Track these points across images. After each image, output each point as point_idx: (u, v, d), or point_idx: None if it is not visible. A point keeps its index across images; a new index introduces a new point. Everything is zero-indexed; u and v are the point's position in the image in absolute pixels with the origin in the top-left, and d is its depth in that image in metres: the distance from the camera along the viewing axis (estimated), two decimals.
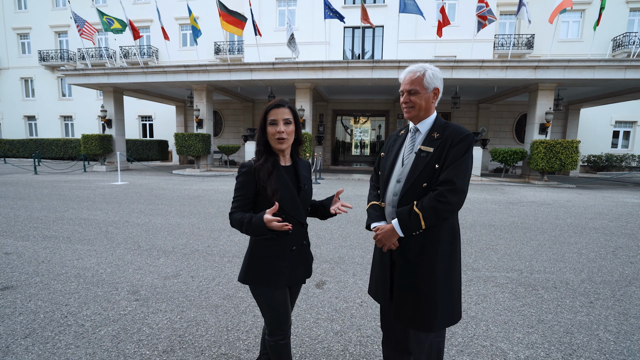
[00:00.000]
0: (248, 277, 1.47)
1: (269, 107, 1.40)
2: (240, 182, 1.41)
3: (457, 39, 17.14)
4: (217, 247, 4.10)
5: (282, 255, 1.45)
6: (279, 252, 1.45)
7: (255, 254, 1.46)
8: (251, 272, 1.46)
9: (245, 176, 1.40)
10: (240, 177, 1.41)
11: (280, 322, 1.47)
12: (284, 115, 1.39)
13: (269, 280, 1.44)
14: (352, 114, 22.19)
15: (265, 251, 1.45)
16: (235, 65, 12.94)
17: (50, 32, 22.89)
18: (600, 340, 2.26)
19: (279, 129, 1.38)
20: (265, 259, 1.45)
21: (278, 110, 1.38)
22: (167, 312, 2.53)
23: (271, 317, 1.48)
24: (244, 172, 1.40)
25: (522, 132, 17.65)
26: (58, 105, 23.43)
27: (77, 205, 6.63)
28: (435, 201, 1.35)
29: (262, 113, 1.43)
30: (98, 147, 14.52)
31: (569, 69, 11.16)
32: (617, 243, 4.63)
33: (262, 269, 1.44)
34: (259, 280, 1.45)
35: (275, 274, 1.44)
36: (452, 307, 1.48)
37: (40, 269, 3.33)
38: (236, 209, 1.41)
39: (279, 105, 1.39)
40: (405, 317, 1.48)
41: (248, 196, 1.41)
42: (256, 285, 1.46)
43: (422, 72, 1.44)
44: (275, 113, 1.38)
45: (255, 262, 1.46)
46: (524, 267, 3.63)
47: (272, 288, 1.44)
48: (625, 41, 17.16)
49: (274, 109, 1.39)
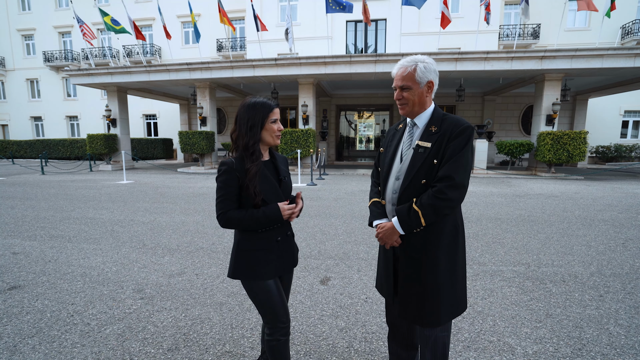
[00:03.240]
0: (237, 272, 1.49)
1: (271, 107, 1.47)
2: (222, 181, 1.42)
3: (461, 30, 16.86)
4: (222, 245, 4.11)
5: (269, 247, 1.50)
6: (266, 244, 1.50)
7: (243, 248, 1.49)
8: (240, 267, 1.48)
9: (226, 174, 1.41)
10: (222, 177, 1.42)
11: (278, 315, 1.49)
12: (279, 114, 1.53)
13: (259, 271, 1.48)
14: (355, 108, 22.05)
15: (253, 245, 1.49)
16: (237, 62, 12.89)
17: (54, 33, 23.02)
18: (610, 334, 2.21)
19: (279, 126, 1.49)
20: (254, 252, 1.48)
21: (277, 110, 1.50)
22: (172, 310, 2.53)
23: (268, 310, 1.49)
24: (224, 171, 1.41)
25: (528, 124, 17.38)
26: (64, 105, 23.63)
27: (83, 204, 6.69)
28: (434, 198, 1.32)
29: (260, 113, 1.44)
30: (103, 146, 14.63)
31: (576, 58, 10.92)
32: (627, 235, 4.54)
33: (250, 262, 1.47)
34: (249, 273, 1.48)
35: (264, 265, 1.49)
36: (456, 301, 1.46)
37: (47, 269, 3.36)
38: (225, 207, 1.42)
39: (277, 105, 1.51)
40: (410, 314, 1.46)
41: (234, 193, 1.43)
42: (247, 279, 1.49)
43: (413, 66, 1.39)
44: (276, 112, 1.48)
45: (243, 256, 1.48)
46: (532, 260, 3.57)
47: (264, 279, 1.49)
48: (635, 28, 16.72)
49: (276, 108, 1.49)
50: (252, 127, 1.42)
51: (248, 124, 1.42)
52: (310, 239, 4.32)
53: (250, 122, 1.42)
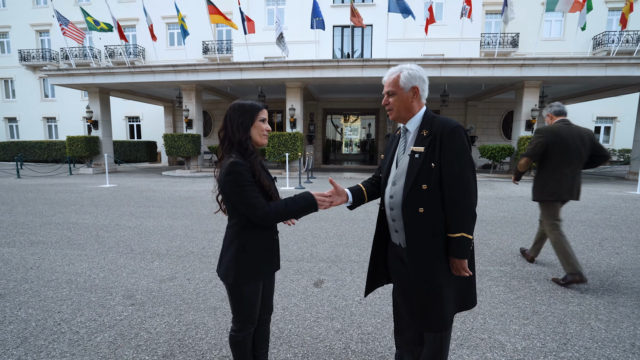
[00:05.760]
0: (240, 275, 1.43)
1: (260, 107, 1.50)
2: (245, 180, 1.37)
3: (444, 37, 17.35)
4: (212, 249, 4.06)
5: (270, 247, 1.52)
6: (269, 243, 1.51)
7: (249, 250, 1.44)
8: (243, 270, 1.43)
9: (246, 173, 1.38)
10: (242, 176, 1.36)
11: (254, 316, 1.52)
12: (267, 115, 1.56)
13: (261, 272, 1.48)
14: (342, 112, 22.26)
15: (259, 245, 1.47)
16: (224, 64, 12.80)
17: (31, 31, 22.18)
18: (592, 329, 2.33)
19: (267, 126, 1.52)
20: (258, 253, 1.47)
21: (266, 110, 1.52)
22: (165, 315, 2.49)
23: (248, 312, 1.49)
24: (243, 171, 1.36)
25: (508, 129, 18.01)
26: (41, 106, 22.74)
27: (65, 209, 6.46)
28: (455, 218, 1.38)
29: (250, 111, 1.46)
30: (84, 149, 14.17)
31: (553, 66, 11.44)
32: (603, 235, 4.77)
33: (254, 263, 1.46)
34: (253, 275, 1.45)
35: (265, 265, 1.50)
36: (463, 299, 1.51)
37: (29, 276, 3.24)
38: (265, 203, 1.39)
39: (266, 107, 1.54)
40: (418, 323, 1.49)
41: (258, 189, 1.41)
42: (250, 281, 1.45)
43: (398, 73, 1.46)
44: (265, 112, 1.51)
45: (247, 258, 1.44)
46: (517, 260, 3.71)
47: (263, 279, 1.50)
48: (605, 40, 17.67)
49: (264, 108, 1.52)
50: (243, 124, 1.44)
51: (239, 120, 1.44)
52: (301, 242, 4.33)
53: (241, 119, 1.44)
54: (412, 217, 1.43)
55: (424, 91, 1.49)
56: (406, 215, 1.44)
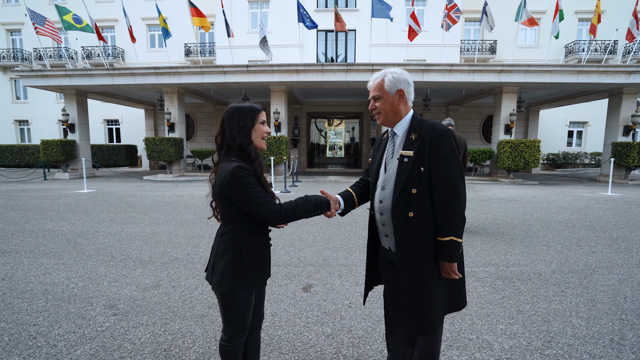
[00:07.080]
0: (235, 284, 1.38)
1: (259, 109, 1.47)
2: (251, 183, 1.34)
3: (426, 43, 17.76)
4: (198, 255, 3.97)
5: (266, 253, 1.50)
6: (266, 249, 1.50)
7: (247, 258, 1.41)
8: (240, 279, 1.39)
9: (251, 176, 1.36)
10: (247, 179, 1.33)
11: (247, 325, 1.49)
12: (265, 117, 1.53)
13: (258, 281, 1.46)
14: (326, 116, 22.37)
15: (256, 252, 1.44)
16: (207, 67, 12.62)
17: (1, 30, 21.20)
18: (573, 326, 2.41)
19: (267, 128, 1.49)
20: (255, 260, 1.44)
21: (264, 112, 1.50)
22: (150, 325, 2.40)
23: (241, 321, 1.46)
24: (247, 175, 1.34)
25: (488, 133, 18.57)
26: (12, 108, 21.68)
27: (39, 216, 6.16)
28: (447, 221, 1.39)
29: (249, 113, 1.43)
30: (60, 153, 13.59)
31: (529, 73, 11.91)
32: (580, 235, 4.98)
33: (250, 272, 1.42)
34: (248, 285, 1.41)
35: (260, 273, 1.47)
36: (453, 300, 1.54)
37: (0, 287, 3.05)
38: (273, 203, 1.38)
39: (263, 108, 1.51)
40: (406, 328, 1.51)
41: (263, 190, 1.39)
42: (244, 291, 1.41)
43: (382, 77, 1.47)
44: (263, 114, 1.49)
45: (245, 266, 1.40)
46: (500, 261, 3.81)
47: (256, 287, 1.47)
48: (576, 48, 18.61)
49: (262, 111, 1.49)
50: (244, 127, 1.41)
51: (239, 123, 1.40)
52: (289, 247, 4.29)
53: (241, 122, 1.40)
54: (402, 221, 1.42)
55: (410, 94, 1.50)
56: (396, 220, 1.44)
